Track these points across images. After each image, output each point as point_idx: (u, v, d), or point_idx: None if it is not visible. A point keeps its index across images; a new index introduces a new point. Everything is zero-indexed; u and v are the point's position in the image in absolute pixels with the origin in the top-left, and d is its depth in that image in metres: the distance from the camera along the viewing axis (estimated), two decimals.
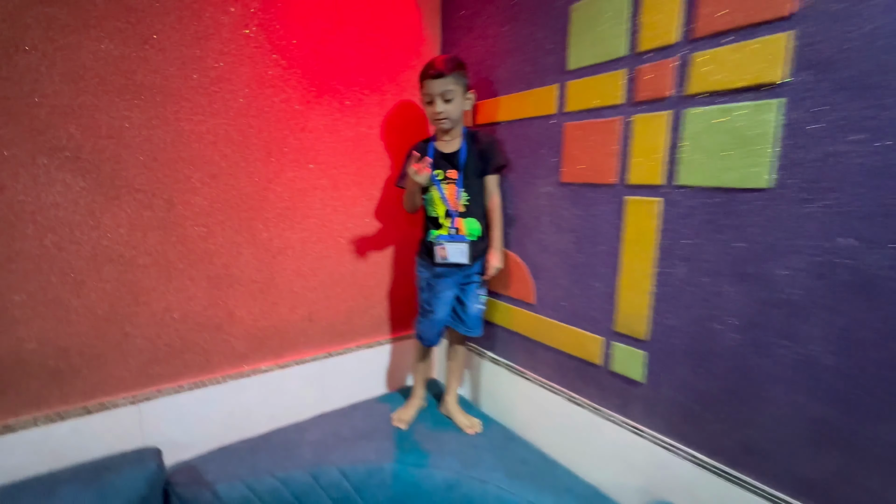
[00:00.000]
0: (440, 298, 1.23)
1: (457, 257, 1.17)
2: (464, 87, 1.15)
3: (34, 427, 0.94)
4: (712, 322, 0.82)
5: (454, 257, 1.17)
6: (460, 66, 1.13)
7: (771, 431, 0.76)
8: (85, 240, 0.95)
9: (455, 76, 1.11)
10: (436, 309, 1.23)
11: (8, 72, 0.83)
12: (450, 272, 1.21)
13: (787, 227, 0.72)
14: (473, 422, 1.28)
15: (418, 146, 1.22)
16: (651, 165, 0.89)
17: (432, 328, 1.26)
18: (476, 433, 1.25)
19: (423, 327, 1.27)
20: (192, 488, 1.01)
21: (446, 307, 1.24)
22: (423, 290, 1.27)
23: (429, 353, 1.35)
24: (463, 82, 1.14)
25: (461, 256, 1.16)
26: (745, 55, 0.74)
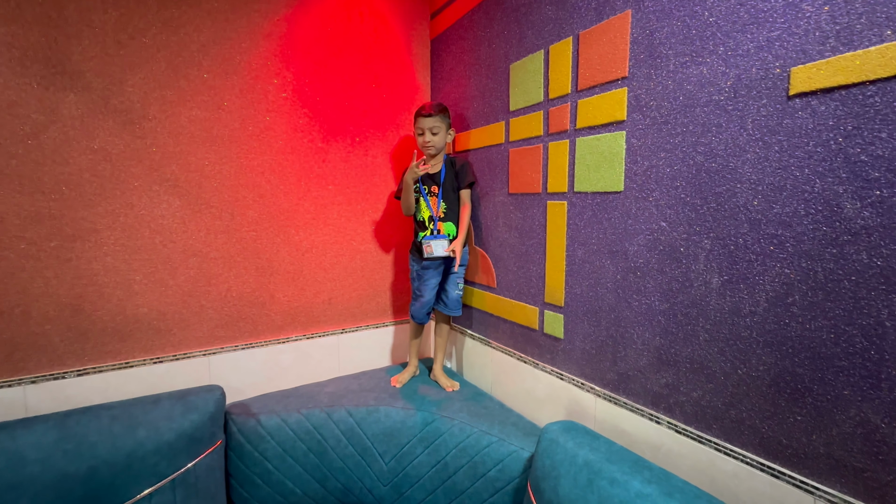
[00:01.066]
0: (427, 285, 1.60)
1: (439, 251, 1.53)
2: (447, 125, 1.56)
3: (143, 366, 1.39)
4: (598, 287, 1.15)
5: (437, 251, 1.53)
6: (445, 110, 1.56)
7: (633, 362, 1.07)
8: (178, 240, 1.42)
9: (440, 116, 1.53)
10: (424, 293, 1.61)
11: (140, 132, 1.33)
12: (433, 264, 1.59)
13: (633, 217, 1.04)
14: (453, 383, 1.62)
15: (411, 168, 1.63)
16: (560, 178, 1.24)
17: (421, 309, 1.63)
18: (454, 391, 1.59)
19: (415, 309, 1.64)
20: (243, 417, 1.42)
21: (432, 292, 1.61)
22: (414, 279, 1.65)
23: (420, 331, 1.72)
24: (446, 121, 1.56)
25: (442, 251, 1.53)
26: (604, 101, 1.09)
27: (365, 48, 1.70)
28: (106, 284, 1.32)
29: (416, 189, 1.58)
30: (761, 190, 0.80)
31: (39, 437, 1.09)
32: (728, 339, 0.87)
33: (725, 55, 0.84)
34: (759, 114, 0.80)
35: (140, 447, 1.16)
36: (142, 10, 1.30)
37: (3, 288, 1.19)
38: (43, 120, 1.20)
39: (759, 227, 0.81)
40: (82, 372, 1.30)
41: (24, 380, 1.23)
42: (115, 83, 1.28)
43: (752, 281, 0.83)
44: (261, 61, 1.49)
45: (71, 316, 1.28)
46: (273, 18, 1.50)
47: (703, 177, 0.89)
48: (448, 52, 1.75)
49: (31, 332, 1.23)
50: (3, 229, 1.18)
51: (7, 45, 1.15)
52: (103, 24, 1.25)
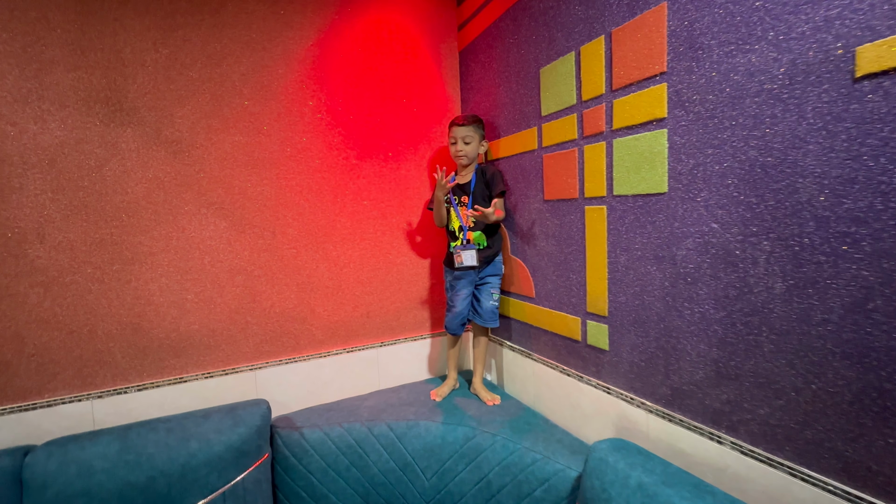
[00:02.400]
0: (459, 296, 1.59)
1: (469, 261, 1.52)
2: (480, 135, 1.57)
3: (195, 381, 1.46)
4: (644, 296, 1.08)
5: (468, 261, 1.52)
6: (478, 121, 1.57)
7: (688, 376, 0.98)
8: (225, 259, 1.49)
9: (474, 126, 1.55)
10: (456, 304, 1.59)
11: (189, 160, 1.41)
12: (465, 275, 1.57)
13: (679, 219, 0.98)
14: (494, 397, 1.58)
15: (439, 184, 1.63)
16: (598, 182, 1.19)
17: (454, 320, 1.61)
18: (495, 405, 1.55)
19: (448, 319, 1.63)
20: (287, 430, 1.45)
21: (464, 302, 1.59)
22: (448, 290, 1.64)
23: (457, 343, 1.69)
24: (480, 132, 1.56)
25: (472, 260, 1.51)
26: (642, 99, 1.04)
27: (395, 65, 1.73)
28: (162, 304, 1.40)
29: (447, 200, 1.58)
30: (828, 184, 0.72)
31: (105, 449, 1.16)
32: (798, 351, 0.78)
33: (776, 40, 0.78)
34: (820, 101, 0.72)
35: (193, 458, 1.21)
36: (188, 46, 1.39)
37: (73, 309, 1.29)
38: (105, 154, 1.31)
39: (827, 224, 0.73)
40: (142, 387, 1.38)
41: (92, 395, 1.32)
42: (166, 116, 1.38)
43: (822, 285, 0.74)
44: (296, 85, 1.56)
45: (132, 334, 1.37)
46: (306, 44, 1.57)
47: (758, 173, 0.82)
48: (476, 62, 1.74)
49: (97, 350, 1.33)
50: (73, 255, 1.29)
51: (74, 90, 1.27)
52: (155, 62, 1.35)
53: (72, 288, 1.29)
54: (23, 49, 1.21)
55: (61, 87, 1.25)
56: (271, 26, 1.51)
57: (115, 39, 1.31)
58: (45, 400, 1.27)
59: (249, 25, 1.48)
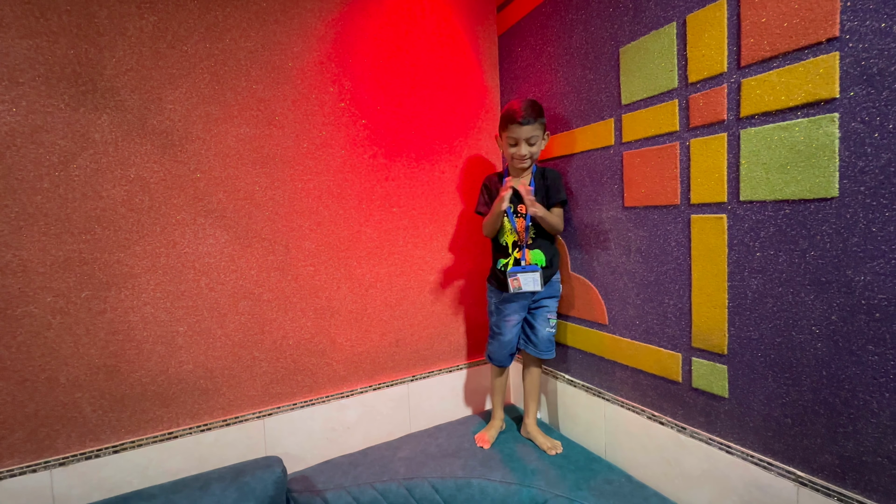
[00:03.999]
0: (507, 321, 1.32)
1: (530, 286, 1.23)
2: (543, 129, 1.26)
3: (188, 435, 1.15)
4: (793, 332, 0.83)
5: (528, 286, 1.23)
6: (541, 112, 1.24)
7: (872, 442, 0.73)
8: (227, 281, 1.19)
9: (538, 122, 1.22)
10: (504, 331, 1.32)
11: (182, 156, 1.12)
12: (517, 297, 1.30)
13: (860, 234, 0.73)
14: (554, 443, 1.31)
15: (493, 178, 1.35)
16: (712, 184, 0.94)
17: (501, 350, 1.34)
18: (557, 454, 1.28)
19: (493, 348, 1.36)
20: (306, 495, 1.15)
21: (513, 329, 1.32)
22: (493, 313, 1.36)
23: (503, 375, 1.42)
24: (543, 126, 1.25)
25: (534, 285, 1.23)
26: (794, 75, 0.79)
27: (427, 48, 1.47)
28: (145, 339, 1.09)
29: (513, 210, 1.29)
30: None
31: None
32: None
33: None
34: None
35: None
36: (182, 14, 1.11)
37: (26, 351, 0.98)
38: (72, 147, 1.01)
39: None
40: (119, 448, 1.07)
41: (51, 462, 1.01)
42: (154, 100, 1.08)
43: None
44: (315, 67, 1.28)
45: (105, 380, 1.06)
46: (327, 18, 1.29)
47: None
48: (524, 46, 1.49)
49: (59, 403, 1.02)
50: (26, 280, 0.98)
51: (30, 61, 0.96)
52: (139, 32, 1.06)
53: (24, 322, 0.98)
54: None
55: (13, 58, 0.95)
56: None
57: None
58: None
59: None
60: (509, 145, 1.25)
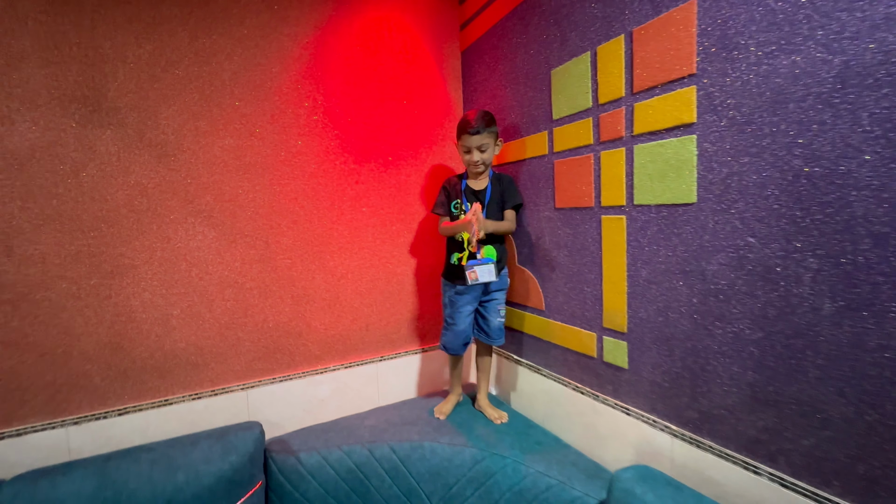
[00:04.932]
0: (461, 313, 1.48)
1: (486, 277, 1.37)
2: (495, 137, 1.40)
3: (182, 402, 1.35)
4: (669, 312, 1.01)
5: (484, 277, 1.37)
6: (492, 121, 1.38)
7: (718, 398, 0.92)
8: (215, 271, 1.38)
9: (488, 131, 1.36)
10: (458, 322, 1.48)
11: (175, 165, 1.31)
12: (470, 290, 1.46)
13: (710, 232, 0.91)
14: (501, 414, 1.50)
15: (452, 180, 1.51)
16: (616, 190, 1.12)
17: (456, 339, 1.50)
18: (503, 423, 1.47)
19: (448, 339, 1.51)
20: (283, 455, 1.35)
21: (467, 320, 1.49)
22: (447, 306, 1.52)
23: (459, 361, 1.59)
24: (494, 134, 1.39)
25: (490, 275, 1.37)
26: (667, 103, 0.97)
27: (395, 65, 1.64)
28: (144, 321, 1.29)
29: (457, 205, 1.45)
30: (887, 197, 0.66)
31: (79, 486, 1.05)
32: (849, 378, 0.72)
33: (826, 40, 0.71)
34: (878, 106, 0.66)
35: (179, 493, 1.11)
36: (174, 42, 1.29)
37: (45, 328, 1.18)
38: (81, 158, 1.20)
39: (885, 242, 0.67)
40: (123, 411, 1.27)
41: (67, 421, 1.21)
42: (150, 117, 1.27)
43: (879, 308, 0.68)
44: (291, 85, 1.46)
45: (111, 354, 1.26)
46: (302, 41, 1.47)
47: (804, 184, 0.75)
48: (481, 63, 1.67)
49: (73, 373, 1.22)
50: (45, 269, 1.17)
51: (47, 87, 1.15)
52: (137, 58, 1.25)
53: (44, 305, 1.17)
54: None
55: (32, 84, 1.14)
56: (265, 21, 1.41)
57: (94, 33, 1.20)
58: (13, 429, 1.15)
59: (242, 20, 1.38)
60: (463, 152, 1.41)
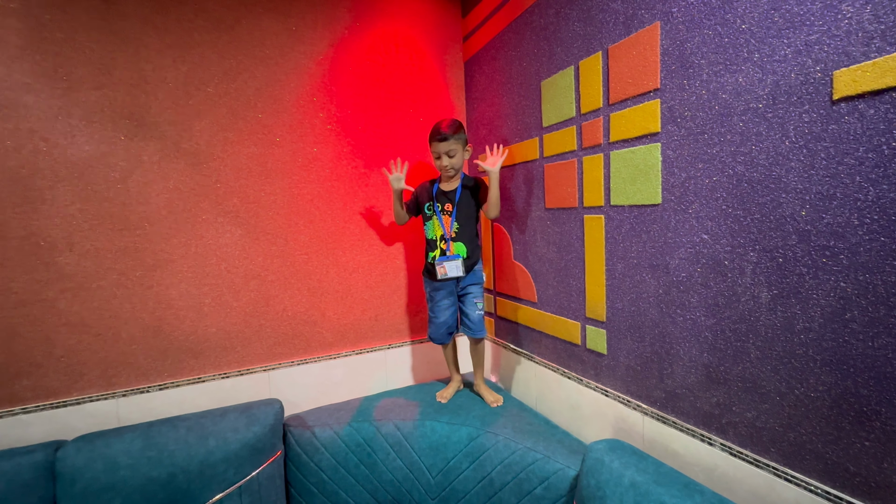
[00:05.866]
0: (439, 306, 1.60)
1: (454, 272, 1.51)
2: (463, 143, 1.51)
3: (212, 381, 1.53)
4: (640, 302, 1.12)
5: (452, 272, 1.51)
6: (459, 128, 1.50)
7: (680, 379, 1.03)
8: (240, 265, 1.56)
9: (454, 138, 1.47)
10: (437, 315, 1.61)
11: (207, 171, 1.49)
12: (445, 285, 1.58)
13: (672, 230, 1.02)
14: (497, 397, 1.62)
15: (425, 185, 1.62)
16: (596, 192, 1.24)
17: (438, 331, 1.63)
18: (498, 406, 1.60)
19: (431, 331, 1.65)
20: (300, 429, 1.52)
21: (446, 312, 1.60)
22: (428, 301, 1.65)
23: (448, 350, 1.71)
24: (462, 140, 1.50)
25: (458, 271, 1.51)
26: (637, 114, 1.08)
27: (402, 76, 1.79)
28: (181, 308, 1.47)
29: (430, 207, 1.57)
30: (809, 199, 0.76)
31: (129, 445, 1.24)
32: (782, 357, 0.82)
33: (761, 62, 0.82)
34: (801, 120, 0.77)
35: (211, 455, 1.28)
36: (206, 63, 1.47)
37: (98, 313, 1.37)
38: (128, 167, 1.39)
39: (808, 238, 0.77)
40: (163, 386, 1.46)
41: (117, 393, 1.40)
42: (186, 130, 1.45)
43: (804, 295, 0.78)
44: (307, 98, 1.62)
45: (153, 336, 1.44)
46: (317, 58, 1.63)
47: (745, 187, 0.86)
48: (481, 73, 1.80)
49: (121, 352, 1.41)
50: (99, 262, 1.37)
51: (100, 106, 1.35)
52: (175, 79, 1.43)
53: (98, 293, 1.37)
54: (53, 69, 1.29)
55: (89, 104, 1.33)
56: (283, 42, 1.58)
57: (138, 57, 1.38)
58: (73, 398, 1.35)
59: (263, 41, 1.55)
60: (434, 158, 1.54)
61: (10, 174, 1.26)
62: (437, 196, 1.57)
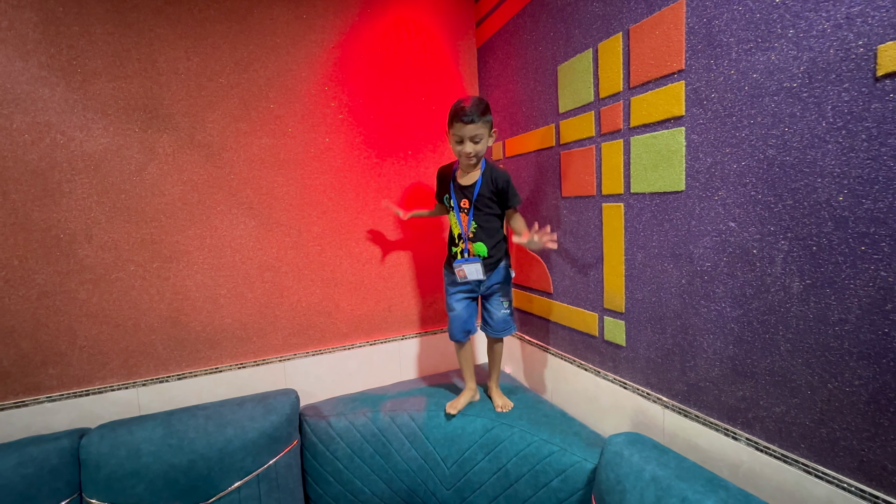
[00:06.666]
0: (456, 299, 1.47)
1: (474, 275, 1.38)
2: (489, 128, 1.31)
3: (229, 371, 1.55)
4: (661, 293, 1.08)
5: (472, 276, 1.38)
6: (487, 110, 1.30)
7: (704, 372, 0.99)
8: (254, 257, 1.56)
9: (482, 120, 1.28)
10: (454, 308, 1.47)
11: (220, 163, 1.49)
12: (466, 283, 1.44)
13: (697, 218, 0.98)
14: (506, 402, 1.47)
15: (444, 169, 1.48)
16: (615, 179, 1.20)
17: (453, 325, 1.48)
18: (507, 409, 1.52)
19: (449, 324, 1.51)
20: (315, 419, 1.53)
21: (462, 305, 1.47)
22: (447, 293, 1.51)
23: (465, 348, 1.53)
24: (489, 124, 1.31)
25: (477, 274, 1.38)
26: (659, 97, 1.04)
27: (414, 64, 1.76)
28: (197, 299, 1.49)
29: (448, 199, 1.44)
30: (847, 184, 0.72)
31: (150, 433, 1.26)
32: (814, 350, 0.78)
33: (797, 38, 0.77)
34: (840, 99, 0.72)
35: (229, 444, 1.30)
36: (217, 54, 1.46)
37: (118, 304, 1.39)
38: (143, 159, 1.39)
39: (846, 225, 0.73)
40: (181, 376, 1.48)
41: (137, 383, 1.43)
42: (199, 121, 1.45)
43: (840, 285, 0.74)
44: (319, 87, 1.61)
45: (171, 327, 1.46)
46: (328, 47, 1.61)
47: (777, 172, 0.82)
48: (494, 59, 1.75)
49: (141, 342, 1.43)
50: (117, 254, 1.38)
51: (115, 98, 1.35)
52: (187, 70, 1.43)
53: (117, 284, 1.39)
54: (69, 62, 1.30)
55: (103, 97, 1.34)
56: (294, 30, 1.56)
57: (151, 49, 1.38)
58: (95, 387, 1.38)
59: (274, 31, 1.53)
60: (455, 142, 1.32)
61: (30, 167, 1.28)
62: (454, 189, 1.41)
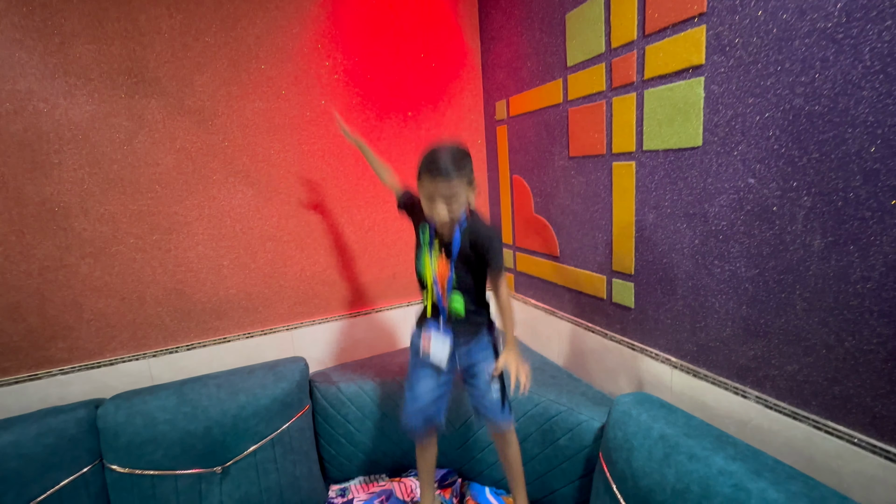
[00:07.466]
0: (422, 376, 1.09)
1: (440, 353, 1.04)
2: (468, 181, 0.98)
3: (237, 340, 1.56)
4: (672, 254, 1.06)
5: (437, 353, 1.05)
6: (466, 160, 0.97)
7: (715, 332, 0.99)
8: (255, 226, 1.53)
9: (458, 177, 0.94)
10: (416, 386, 1.10)
11: (213, 129, 1.43)
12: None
13: (714, 175, 0.93)
14: None
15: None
16: (626, 136, 1.14)
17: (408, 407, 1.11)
18: None
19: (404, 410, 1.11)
20: (325, 384, 1.55)
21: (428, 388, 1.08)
22: (410, 363, 1.15)
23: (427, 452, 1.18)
24: (469, 177, 0.98)
25: (441, 355, 1.05)
26: (677, 44, 0.96)
27: (411, 17, 1.65)
28: (200, 270, 1.47)
29: (424, 229, 1.11)
30: (881, 133, 0.67)
31: (164, 402, 1.28)
32: (832, 309, 0.77)
33: None
34: (880, 39, 0.66)
35: (242, 410, 1.32)
36: (201, 10, 1.36)
37: (121, 277, 1.38)
38: (133, 126, 1.34)
39: (876, 178, 0.69)
40: (190, 346, 1.49)
41: (147, 354, 1.44)
42: (187, 84, 1.38)
43: (864, 242, 0.71)
44: (312, 45, 1.51)
45: (176, 299, 1.46)
46: (319, 0, 1.51)
47: (804, 123, 0.76)
48: (497, 9, 1.64)
49: (148, 314, 1.43)
50: (115, 227, 1.36)
51: (97, 62, 1.27)
52: (171, 28, 1.34)
53: (118, 258, 1.37)
54: (43, 22, 1.22)
55: (84, 60, 1.26)
56: None
57: (130, 7, 1.29)
58: (107, 359, 1.39)
59: None
60: (425, 199, 0.98)
61: (17, 139, 1.23)
62: (432, 230, 1.08)
